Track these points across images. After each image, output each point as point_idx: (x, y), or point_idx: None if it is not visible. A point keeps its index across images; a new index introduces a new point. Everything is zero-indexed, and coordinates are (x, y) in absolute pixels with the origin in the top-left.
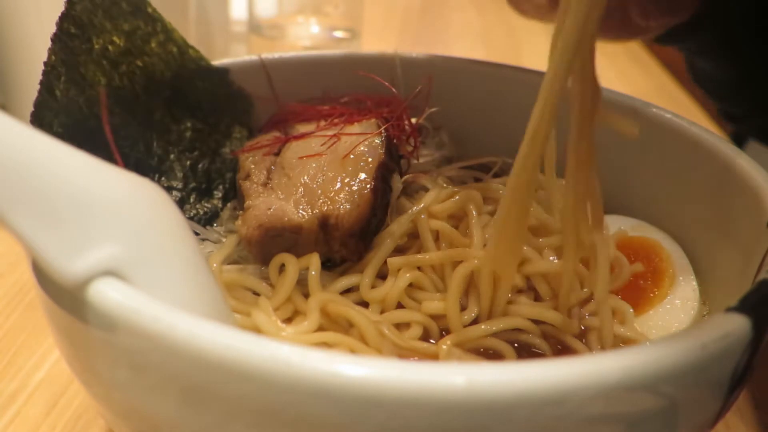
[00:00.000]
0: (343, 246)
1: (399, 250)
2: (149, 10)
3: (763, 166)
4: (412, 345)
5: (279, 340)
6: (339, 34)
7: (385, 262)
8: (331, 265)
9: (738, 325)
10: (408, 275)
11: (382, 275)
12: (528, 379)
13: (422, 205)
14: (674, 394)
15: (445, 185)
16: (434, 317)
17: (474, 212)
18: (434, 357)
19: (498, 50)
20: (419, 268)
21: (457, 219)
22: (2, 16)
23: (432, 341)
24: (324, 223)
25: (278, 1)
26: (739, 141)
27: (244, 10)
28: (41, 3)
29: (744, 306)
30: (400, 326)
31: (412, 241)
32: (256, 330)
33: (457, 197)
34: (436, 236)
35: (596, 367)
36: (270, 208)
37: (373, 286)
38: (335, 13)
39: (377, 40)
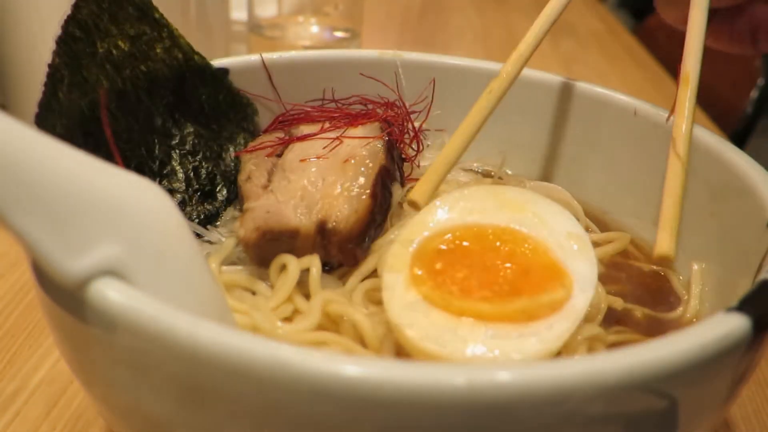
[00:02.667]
0: (340, 251)
1: None
2: (156, 15)
3: (764, 166)
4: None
5: (279, 341)
6: (339, 34)
7: None
8: (329, 269)
9: (738, 325)
10: None
11: None
12: (528, 379)
13: None
14: (674, 394)
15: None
16: None
17: None
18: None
19: (498, 50)
20: None
21: None
22: (3, 17)
23: None
24: (322, 228)
25: (278, 1)
26: (739, 141)
27: (244, 10)
28: (42, 4)
29: (744, 306)
30: None
31: None
32: (255, 329)
33: None
34: None
35: (596, 367)
36: (268, 211)
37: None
38: (335, 13)
39: (377, 40)
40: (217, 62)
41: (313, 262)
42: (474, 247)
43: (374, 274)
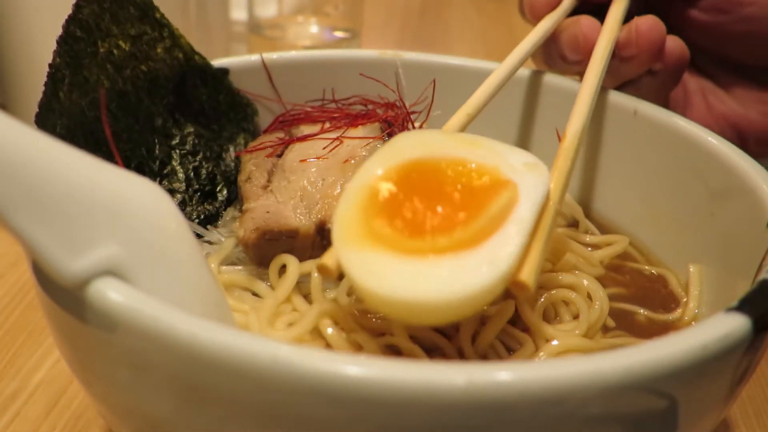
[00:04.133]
0: None
1: None
2: (157, 15)
3: (764, 166)
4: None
5: (279, 341)
6: (339, 34)
7: None
8: None
9: (738, 325)
10: None
11: None
12: (528, 379)
13: None
14: (674, 394)
15: None
16: None
17: None
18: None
19: (498, 50)
20: None
21: None
22: (3, 17)
23: None
24: (321, 228)
25: (278, 1)
26: None
27: (244, 10)
28: (42, 4)
29: (744, 306)
30: None
31: None
32: (246, 329)
33: None
34: None
35: (596, 367)
36: (268, 211)
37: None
38: (335, 13)
39: (377, 40)
40: (217, 62)
41: (315, 267)
42: (425, 177)
43: None
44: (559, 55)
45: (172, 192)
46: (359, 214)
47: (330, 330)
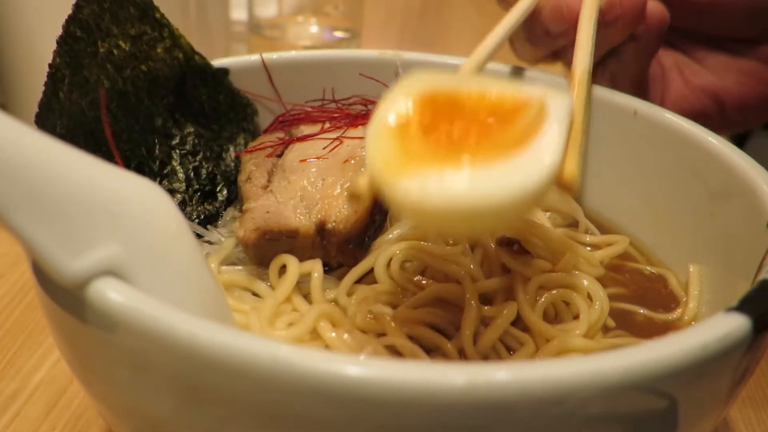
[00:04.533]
0: (339, 252)
1: None
2: (157, 15)
3: (764, 166)
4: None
5: (279, 341)
6: (339, 34)
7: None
8: (328, 269)
9: (738, 325)
10: None
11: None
12: (528, 379)
13: None
14: (674, 394)
15: None
16: None
17: None
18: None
19: (498, 50)
20: None
21: None
22: (3, 17)
23: None
24: (321, 228)
25: (278, 1)
26: (739, 141)
27: (244, 10)
28: (42, 4)
29: (744, 306)
30: None
31: None
32: (246, 329)
33: None
34: None
35: (596, 367)
36: (268, 212)
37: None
38: (335, 13)
39: (377, 40)
40: (217, 62)
41: (315, 267)
42: (448, 102)
43: (371, 273)
44: (543, 31)
45: (172, 192)
46: (392, 139)
47: (329, 330)
